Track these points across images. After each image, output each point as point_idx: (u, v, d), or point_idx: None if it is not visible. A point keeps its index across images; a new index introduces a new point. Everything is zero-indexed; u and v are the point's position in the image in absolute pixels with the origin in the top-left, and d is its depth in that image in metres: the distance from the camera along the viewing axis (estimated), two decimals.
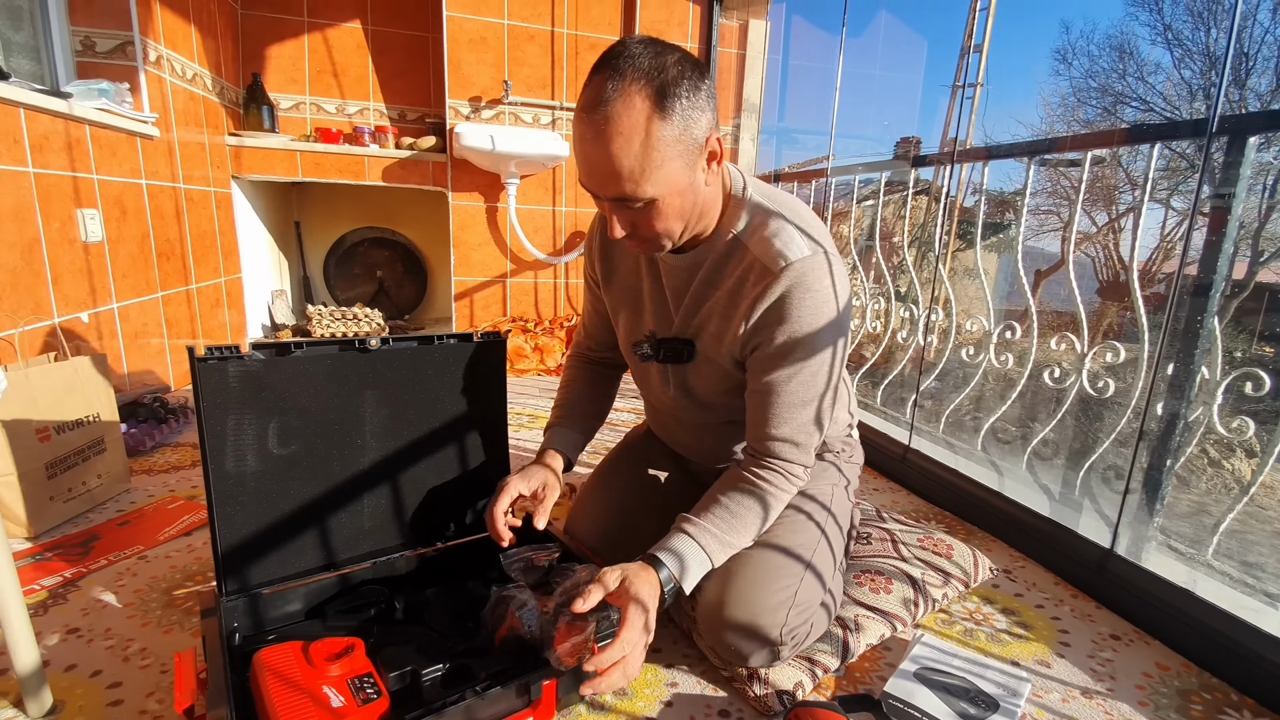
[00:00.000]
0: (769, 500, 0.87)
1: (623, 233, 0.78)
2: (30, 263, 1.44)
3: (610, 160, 0.71)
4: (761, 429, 0.87)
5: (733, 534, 0.84)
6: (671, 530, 0.84)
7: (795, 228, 0.83)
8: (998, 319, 1.63)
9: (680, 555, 0.80)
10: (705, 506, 0.87)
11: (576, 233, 2.83)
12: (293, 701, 0.68)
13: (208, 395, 0.83)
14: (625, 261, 0.99)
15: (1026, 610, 1.12)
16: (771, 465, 0.87)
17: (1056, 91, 14.05)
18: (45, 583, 1.05)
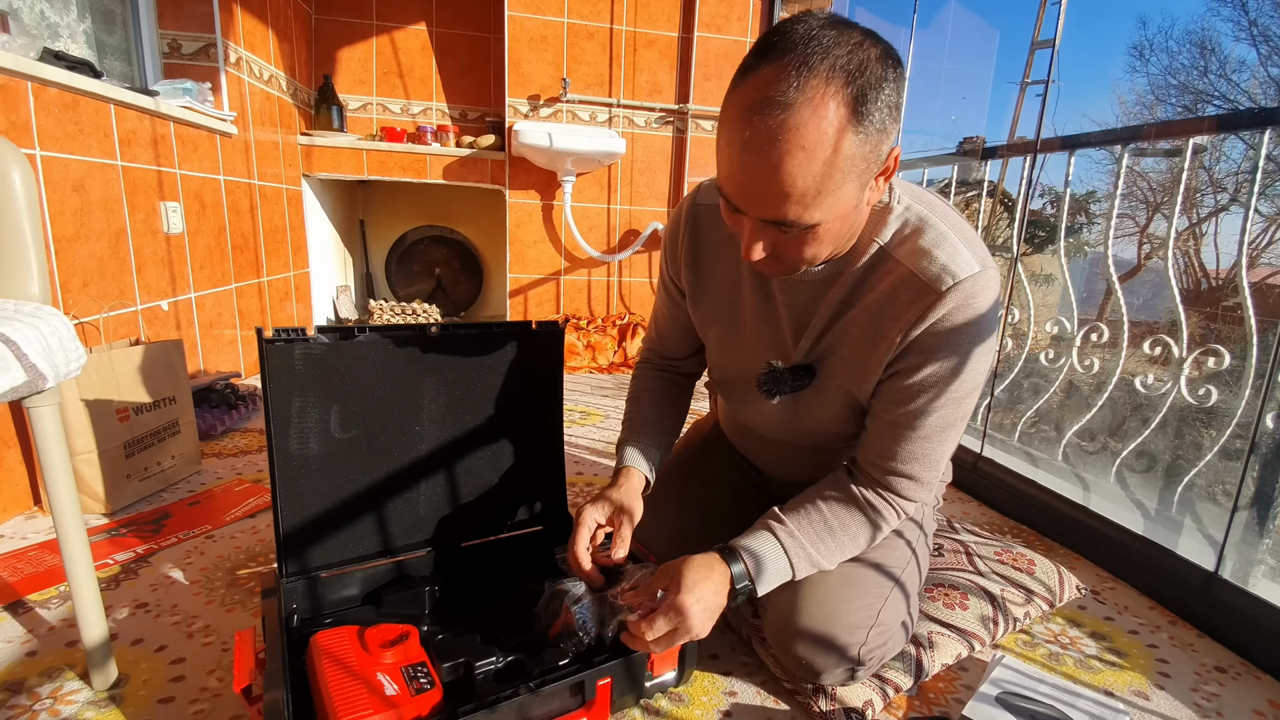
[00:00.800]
0: (874, 532, 0.80)
1: (762, 255, 0.65)
2: (116, 252, 1.51)
3: (780, 179, 0.57)
4: (886, 460, 0.77)
5: (825, 553, 0.77)
6: (759, 525, 0.78)
7: (957, 238, 0.70)
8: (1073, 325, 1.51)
9: (759, 557, 0.74)
10: (803, 511, 0.78)
11: (630, 231, 2.81)
12: (348, 687, 0.67)
13: (274, 376, 0.83)
14: (722, 271, 0.85)
15: (1119, 636, 1.03)
16: (888, 497, 0.79)
17: (1133, 89, 13.23)
18: (119, 558, 1.09)
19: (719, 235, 0.84)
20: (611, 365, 2.67)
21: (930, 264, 0.69)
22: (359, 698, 0.66)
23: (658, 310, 1.00)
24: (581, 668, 0.75)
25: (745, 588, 0.73)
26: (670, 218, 0.91)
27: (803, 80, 0.55)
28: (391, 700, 0.67)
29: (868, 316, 0.73)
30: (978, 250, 0.71)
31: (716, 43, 2.65)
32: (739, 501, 1.04)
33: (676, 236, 0.88)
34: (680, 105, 2.68)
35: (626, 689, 0.79)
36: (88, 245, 1.42)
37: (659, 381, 1.01)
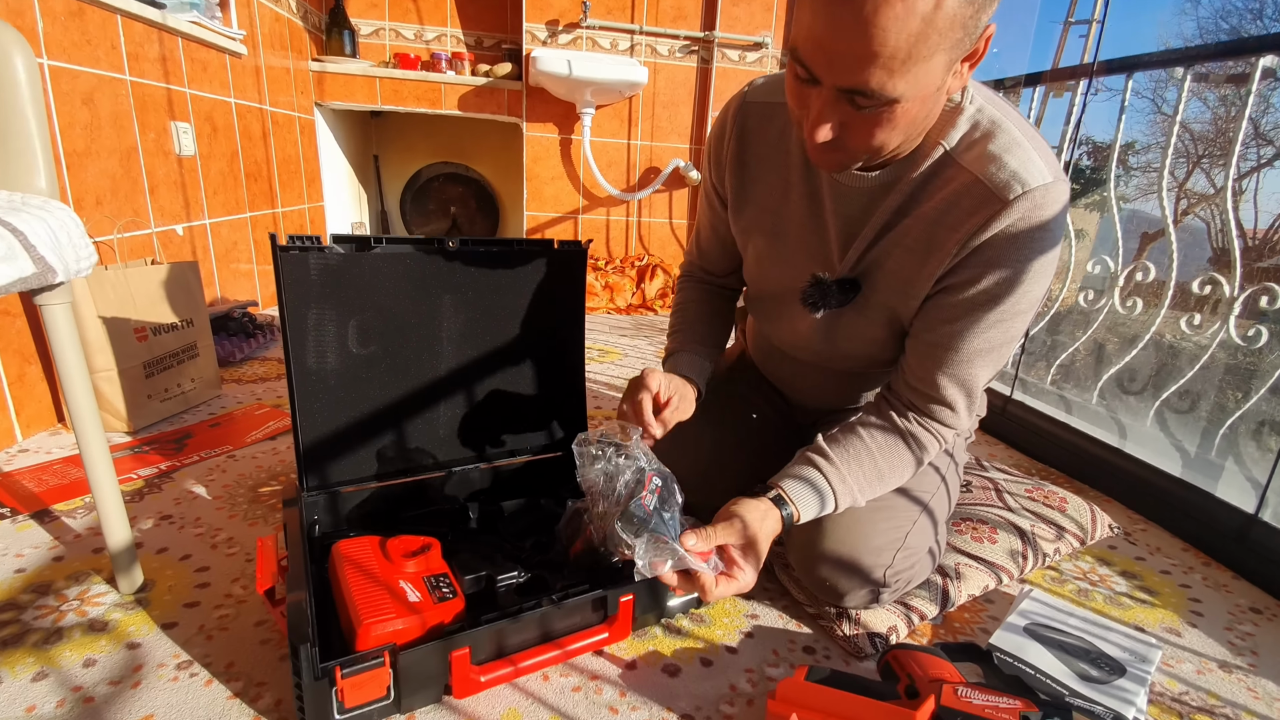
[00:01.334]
0: (918, 466, 0.76)
1: (829, 136, 0.59)
2: (129, 171, 1.48)
3: (871, 34, 0.50)
4: (926, 385, 0.73)
5: (866, 490, 0.74)
6: (802, 461, 0.74)
7: (1031, 146, 0.64)
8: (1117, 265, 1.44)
9: (805, 499, 0.71)
10: (851, 452, 0.74)
11: (651, 168, 2.72)
12: (370, 591, 0.66)
13: (289, 286, 0.80)
14: (769, 176, 0.80)
15: (1150, 575, 1.00)
16: (930, 426, 0.75)
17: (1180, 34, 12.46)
18: (142, 473, 1.10)
19: (768, 136, 0.79)
20: (630, 307, 2.62)
21: (999, 170, 0.63)
22: (382, 602, 0.65)
23: (699, 222, 0.96)
24: (605, 584, 0.74)
25: (787, 524, 0.71)
26: (716, 120, 0.85)
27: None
28: (415, 606, 0.66)
29: (923, 226, 0.68)
30: (1051, 161, 0.65)
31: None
32: (764, 429, 1.01)
33: (723, 138, 0.83)
34: (706, 33, 2.55)
35: (649, 607, 0.78)
36: (99, 162, 1.38)
37: (703, 293, 0.98)
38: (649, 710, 0.68)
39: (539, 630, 0.71)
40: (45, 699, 0.65)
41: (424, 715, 0.65)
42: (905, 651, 0.70)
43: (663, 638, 0.79)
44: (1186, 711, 0.74)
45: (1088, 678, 0.74)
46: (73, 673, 0.69)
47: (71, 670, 0.69)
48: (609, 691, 0.70)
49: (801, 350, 0.89)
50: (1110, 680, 0.74)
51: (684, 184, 2.76)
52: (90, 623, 0.76)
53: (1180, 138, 8.39)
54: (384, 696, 0.62)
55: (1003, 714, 0.58)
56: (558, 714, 0.67)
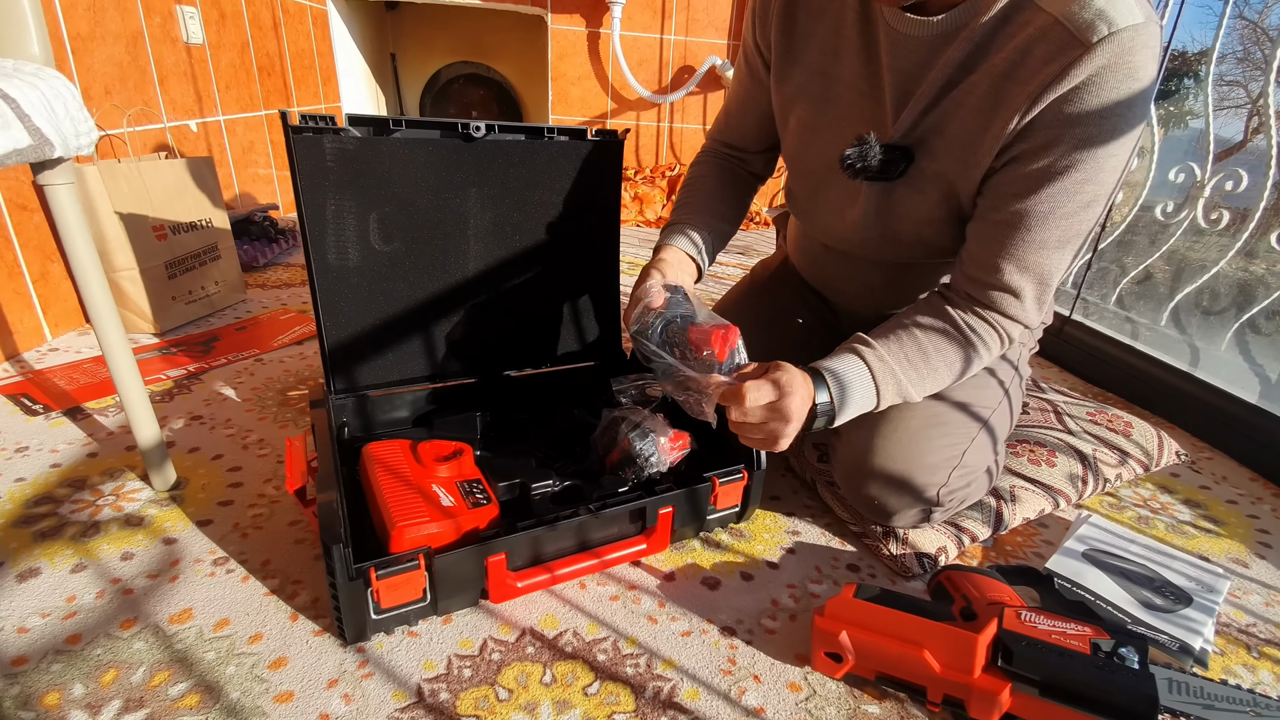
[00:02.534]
0: (973, 360, 0.68)
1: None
2: (135, 58, 1.39)
3: None
4: (990, 271, 0.65)
5: (915, 382, 0.67)
6: (844, 348, 0.68)
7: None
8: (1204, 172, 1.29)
9: (845, 384, 0.64)
10: (893, 336, 0.67)
11: (684, 68, 2.53)
12: (403, 494, 0.64)
13: (305, 173, 0.74)
14: (820, 32, 0.71)
15: (1215, 504, 0.95)
16: (990, 318, 0.67)
17: None
18: (170, 374, 1.08)
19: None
20: (660, 219, 2.51)
21: (1083, 9, 0.55)
22: (415, 505, 0.62)
23: (732, 94, 0.88)
24: (643, 495, 0.70)
25: (826, 411, 0.63)
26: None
27: None
28: (449, 511, 0.63)
29: (989, 81, 0.60)
30: (1143, 1, 0.56)
31: None
32: (808, 338, 0.95)
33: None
34: None
35: (688, 519, 0.75)
36: (105, 47, 1.29)
37: (719, 169, 0.89)
38: (689, 620, 0.66)
39: (576, 539, 0.68)
40: (85, 589, 0.65)
41: (461, 617, 0.64)
42: (959, 573, 0.66)
43: (701, 551, 0.77)
44: (1254, 643, 0.70)
45: (1151, 606, 0.70)
46: (110, 565, 0.68)
47: (109, 563, 0.69)
48: (647, 601, 0.68)
49: (849, 240, 0.80)
50: (1176, 609, 0.70)
51: (720, 86, 2.57)
52: (126, 518, 0.75)
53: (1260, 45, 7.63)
54: (420, 599, 0.60)
55: (1071, 640, 0.55)
56: (596, 621, 0.65)
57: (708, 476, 0.74)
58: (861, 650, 0.58)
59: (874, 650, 0.58)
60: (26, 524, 0.73)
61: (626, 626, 0.65)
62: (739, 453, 0.77)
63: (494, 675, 0.58)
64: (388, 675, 0.58)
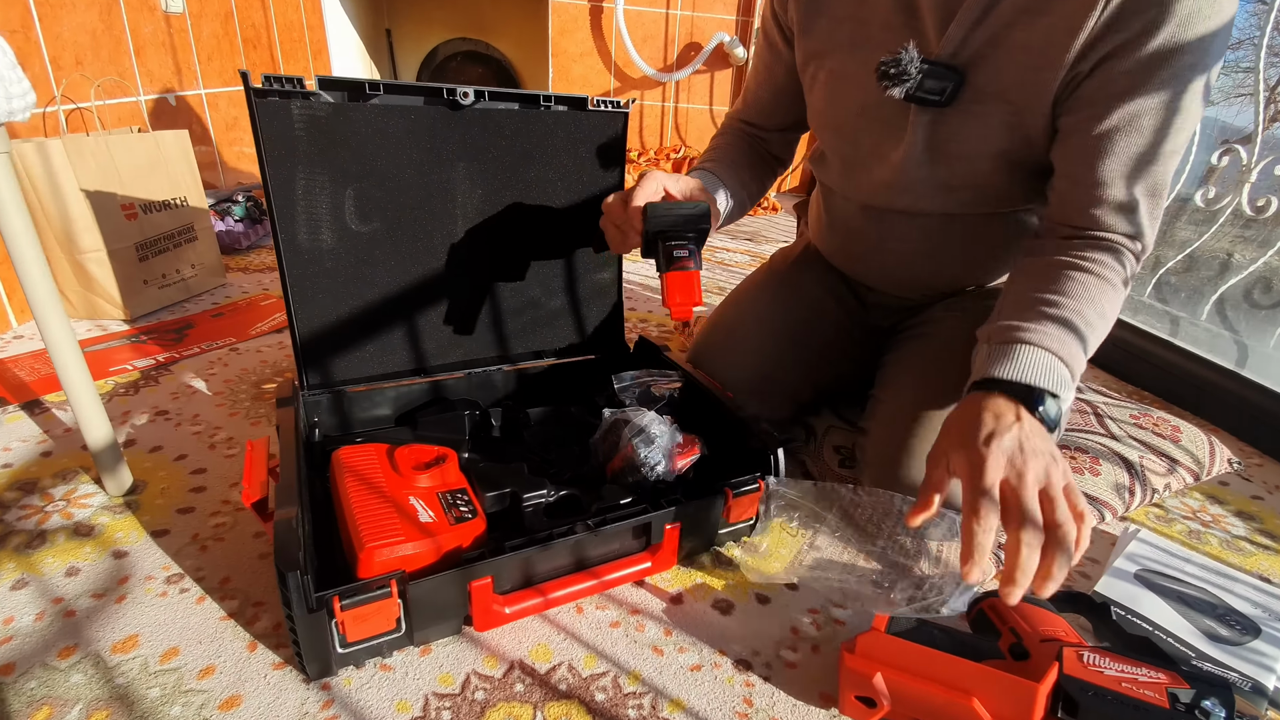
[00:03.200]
0: (1106, 281, 0.57)
1: None
2: (110, 27, 1.30)
3: None
4: (1102, 186, 0.57)
5: (1078, 324, 0.55)
6: (997, 344, 0.56)
7: None
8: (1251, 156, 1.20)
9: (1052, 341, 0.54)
10: (1018, 306, 0.57)
11: (691, 45, 2.42)
12: (375, 509, 0.56)
13: (270, 143, 0.66)
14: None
15: (1270, 517, 0.87)
16: (1101, 240, 0.58)
17: None
18: (138, 364, 1.00)
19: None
20: None
21: None
22: (388, 522, 0.55)
23: (751, 72, 0.85)
24: (647, 508, 0.63)
25: (1057, 409, 0.53)
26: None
27: None
28: (427, 528, 0.56)
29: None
30: None
31: None
32: (834, 332, 0.87)
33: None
34: None
35: (698, 534, 0.68)
36: (75, 14, 1.21)
37: (742, 140, 0.86)
38: (699, 652, 0.59)
39: (572, 558, 0.61)
40: (24, 610, 0.58)
41: (441, 648, 0.57)
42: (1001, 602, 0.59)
43: (712, 569, 0.69)
44: None
45: (1216, 637, 0.63)
46: (54, 581, 0.61)
47: (53, 579, 0.61)
48: (652, 629, 0.61)
49: (893, 187, 0.71)
50: (1243, 641, 0.63)
51: (728, 64, 2.46)
52: (75, 526, 0.68)
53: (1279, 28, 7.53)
54: (393, 629, 0.53)
55: (1144, 689, 0.47)
56: (594, 652, 0.58)
57: (721, 487, 0.66)
58: (898, 694, 0.51)
59: (913, 696, 0.50)
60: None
61: (628, 659, 0.57)
62: (753, 459, 0.69)
63: (478, 718, 0.51)
64: (355, 718, 0.50)
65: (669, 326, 1.32)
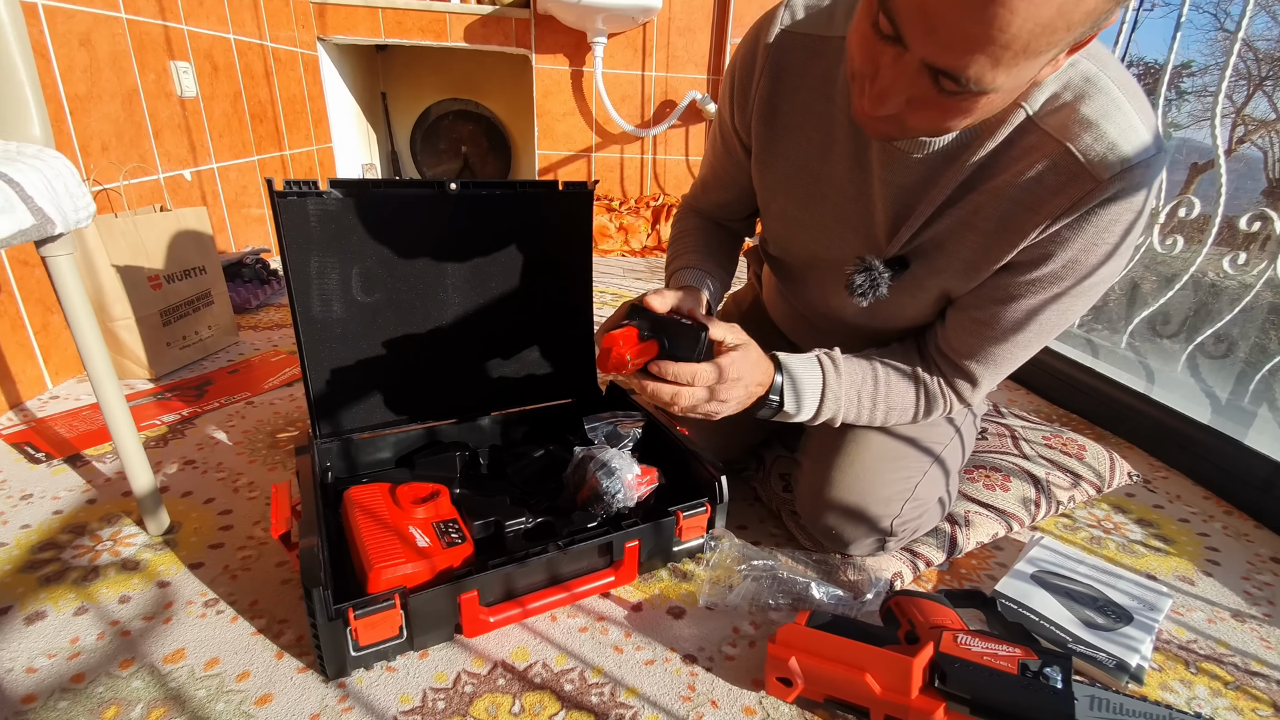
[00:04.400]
0: (919, 414, 0.74)
1: (892, 111, 0.50)
2: (131, 114, 1.45)
3: (995, 15, 0.40)
4: (961, 356, 0.69)
5: (861, 406, 0.71)
6: (810, 352, 0.71)
7: (1129, 104, 0.54)
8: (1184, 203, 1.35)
9: (797, 379, 0.68)
10: (859, 361, 0.72)
11: (666, 102, 2.61)
12: (380, 536, 0.68)
13: (289, 233, 0.79)
14: (806, 129, 0.68)
15: (1167, 523, 0.99)
16: (946, 392, 0.73)
17: None
18: (165, 419, 1.12)
19: (810, 78, 0.66)
20: (645, 249, 2.58)
21: (1096, 141, 0.53)
22: (392, 547, 0.67)
23: (708, 166, 0.85)
24: (609, 530, 0.75)
25: (774, 402, 0.68)
26: (742, 45, 0.71)
27: None
28: (424, 551, 0.68)
29: (995, 204, 0.59)
30: (1150, 120, 0.55)
31: None
32: None
33: (751, 73, 0.69)
34: None
35: (654, 552, 0.79)
36: (101, 106, 1.36)
37: (705, 224, 0.88)
38: (653, 650, 0.70)
39: (546, 574, 0.73)
40: (87, 631, 0.69)
41: (436, 652, 0.68)
42: (907, 598, 0.70)
43: (669, 581, 0.81)
44: (1193, 659, 0.74)
45: (1093, 625, 0.74)
46: (109, 608, 0.72)
47: (108, 606, 0.72)
48: (615, 632, 0.72)
49: (833, 320, 0.81)
50: (1116, 627, 0.74)
51: (701, 118, 2.65)
52: (123, 562, 0.79)
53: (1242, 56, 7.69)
54: (397, 635, 0.64)
55: (1001, 661, 0.59)
56: (564, 652, 0.69)
57: (672, 511, 0.78)
58: (810, 675, 0.62)
59: (821, 675, 0.62)
60: (32, 569, 0.77)
61: (594, 657, 0.69)
62: (702, 486, 0.81)
63: (466, 706, 0.62)
64: (366, 709, 0.61)
65: None
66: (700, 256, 0.80)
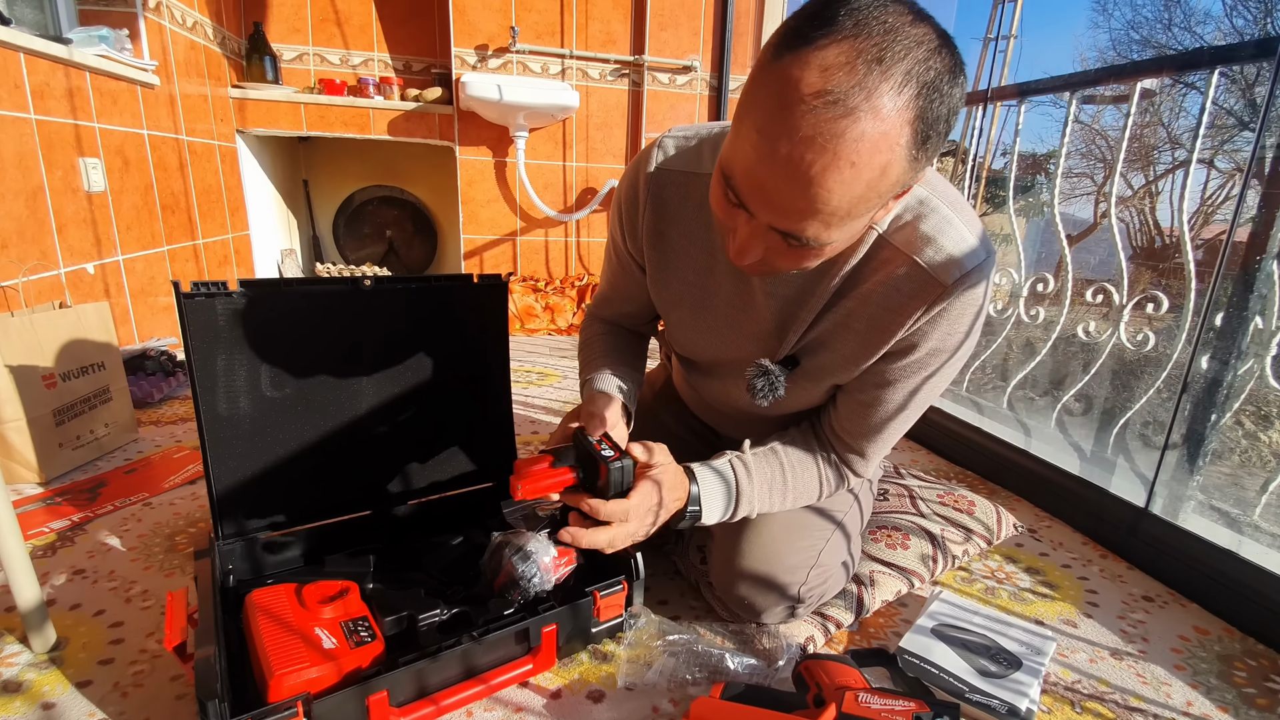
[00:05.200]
0: (820, 497, 0.81)
1: (755, 259, 0.57)
2: (35, 211, 1.42)
3: (814, 193, 0.48)
4: (850, 435, 0.77)
5: (776, 494, 0.78)
6: (718, 455, 0.77)
7: (960, 221, 0.64)
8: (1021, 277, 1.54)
9: (712, 489, 0.74)
10: (765, 454, 0.78)
11: (588, 189, 2.75)
12: (284, 641, 0.66)
13: (195, 333, 0.79)
14: (691, 250, 0.75)
15: (1052, 570, 1.07)
16: (842, 469, 0.80)
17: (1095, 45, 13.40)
18: (54, 525, 1.05)
19: (688, 209, 0.74)
20: (571, 327, 2.64)
21: (936, 253, 0.63)
22: (295, 651, 0.65)
23: (607, 280, 0.91)
24: (525, 616, 0.75)
25: (694, 512, 0.73)
26: (625, 181, 0.79)
27: (874, 83, 0.45)
28: (330, 654, 0.66)
29: (865, 308, 0.68)
30: (977, 229, 0.65)
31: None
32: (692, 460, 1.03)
33: (637, 207, 0.77)
34: (635, 57, 2.60)
35: (573, 635, 0.80)
36: (3, 205, 1.33)
37: (610, 328, 0.94)
38: None
39: (462, 667, 0.72)
40: None
41: None
42: (816, 661, 0.73)
43: (589, 664, 0.81)
44: (1078, 699, 0.80)
45: (986, 673, 0.79)
46: None
47: None
48: None
49: (735, 409, 0.89)
50: (1007, 674, 0.79)
51: None
52: (4, 684, 0.73)
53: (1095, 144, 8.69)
54: None
55: (897, 716, 0.62)
56: None
57: (589, 591, 0.79)
58: None
59: None
60: None
61: None
62: (619, 565, 0.83)
63: None
64: None
65: None
66: (610, 360, 0.86)
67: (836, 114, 0.46)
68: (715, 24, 2.65)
